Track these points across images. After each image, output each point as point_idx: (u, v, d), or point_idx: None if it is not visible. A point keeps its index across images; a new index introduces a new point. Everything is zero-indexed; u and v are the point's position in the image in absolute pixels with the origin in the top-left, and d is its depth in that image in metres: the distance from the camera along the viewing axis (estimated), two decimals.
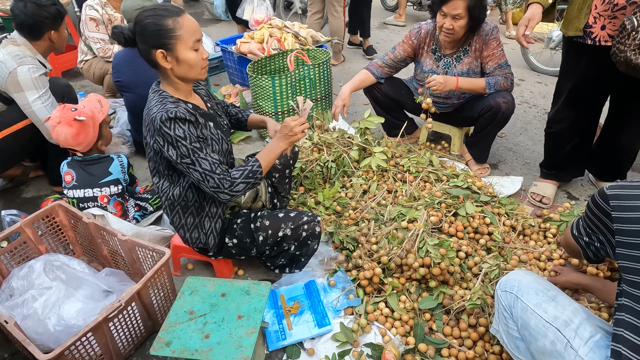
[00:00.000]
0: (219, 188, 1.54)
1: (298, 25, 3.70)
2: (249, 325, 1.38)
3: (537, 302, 1.23)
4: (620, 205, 1.09)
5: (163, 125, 1.46)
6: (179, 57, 1.50)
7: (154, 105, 1.52)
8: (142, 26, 1.48)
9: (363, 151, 2.57)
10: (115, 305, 1.46)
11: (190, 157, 1.50)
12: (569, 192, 2.56)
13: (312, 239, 1.78)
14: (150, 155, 1.63)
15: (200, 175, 1.52)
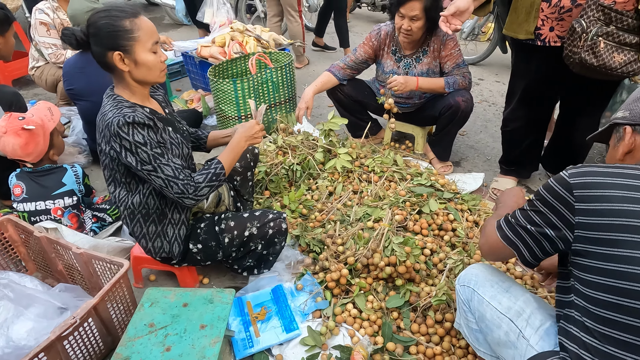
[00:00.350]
0: (183, 193, 1.50)
1: (260, 28, 3.67)
2: (212, 334, 1.34)
3: (492, 294, 1.24)
4: (587, 195, 0.99)
5: (120, 130, 1.40)
6: (137, 59, 1.45)
7: (108, 110, 1.46)
8: (96, 27, 1.42)
9: (328, 153, 2.56)
10: (70, 322, 1.38)
11: (151, 164, 1.45)
12: (527, 187, 2.64)
13: (279, 236, 1.76)
14: (106, 163, 1.56)
15: (163, 181, 1.48)
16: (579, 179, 1.01)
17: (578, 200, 1.00)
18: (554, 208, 1.04)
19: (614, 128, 1.18)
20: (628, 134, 1.11)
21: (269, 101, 2.99)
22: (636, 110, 1.11)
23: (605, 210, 0.96)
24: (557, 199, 1.04)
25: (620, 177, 0.98)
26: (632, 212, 0.94)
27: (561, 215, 1.03)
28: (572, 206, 1.00)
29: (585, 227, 0.98)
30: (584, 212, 0.99)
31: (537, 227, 1.08)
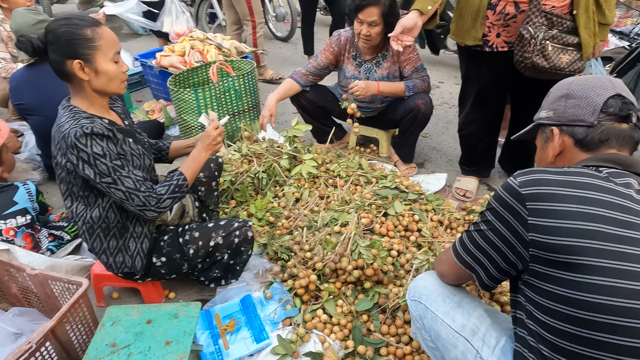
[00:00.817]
0: (145, 206, 1.47)
1: (221, 36, 3.63)
2: (178, 350, 1.30)
3: (445, 310, 1.18)
4: (540, 208, 0.90)
5: (78, 142, 1.36)
6: (98, 68, 1.42)
7: (65, 121, 1.41)
8: (56, 35, 1.38)
9: (293, 159, 2.56)
10: (24, 347, 1.31)
11: (111, 176, 1.41)
12: (488, 185, 2.72)
13: (245, 245, 1.75)
14: (62, 176, 1.50)
15: (123, 194, 1.44)
16: (531, 189, 0.93)
17: (531, 214, 0.91)
18: (506, 221, 0.96)
19: (539, 128, 1.15)
20: (556, 135, 1.08)
21: (232, 109, 2.96)
22: (560, 110, 1.09)
23: (561, 229, 0.87)
24: (508, 211, 0.96)
25: (574, 188, 0.90)
26: (590, 231, 0.86)
27: (513, 230, 0.95)
28: (524, 220, 0.92)
29: (541, 247, 0.90)
30: (538, 228, 0.90)
31: (490, 244, 1.01)
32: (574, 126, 1.05)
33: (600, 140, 1.02)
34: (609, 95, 1.03)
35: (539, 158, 1.18)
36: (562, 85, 1.11)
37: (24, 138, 2.92)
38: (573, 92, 1.07)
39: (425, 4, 2.02)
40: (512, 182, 0.98)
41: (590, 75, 1.10)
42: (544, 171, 0.96)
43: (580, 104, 1.05)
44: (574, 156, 1.07)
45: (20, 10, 2.42)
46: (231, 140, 2.96)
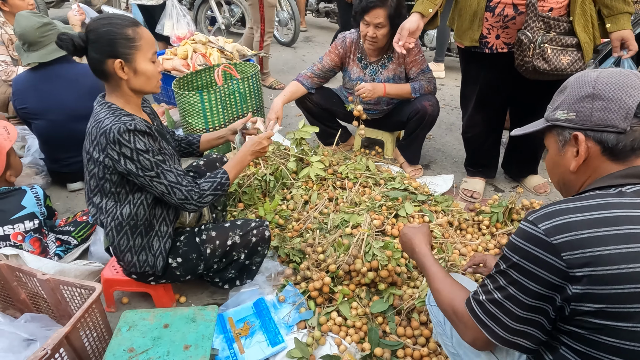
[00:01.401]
0: (187, 199, 1.52)
1: (223, 40, 3.63)
2: (198, 354, 1.28)
3: None
4: (581, 258, 0.79)
5: (121, 137, 1.38)
6: (138, 68, 1.45)
7: (105, 117, 1.43)
8: (97, 34, 1.40)
9: (300, 162, 2.55)
10: (40, 354, 1.28)
11: (154, 170, 1.45)
12: (495, 185, 2.73)
13: (262, 244, 1.75)
14: (94, 172, 1.49)
15: (165, 187, 1.48)
16: (563, 238, 0.81)
17: (571, 265, 0.80)
18: (539, 277, 0.84)
19: (553, 129, 1.02)
20: (582, 142, 0.94)
21: (236, 112, 2.95)
22: (585, 113, 0.94)
23: (610, 277, 0.78)
24: (540, 265, 0.84)
25: (612, 225, 0.81)
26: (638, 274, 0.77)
27: (552, 285, 0.84)
28: (564, 273, 0.81)
29: (588, 299, 0.80)
30: (583, 280, 0.79)
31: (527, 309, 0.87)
32: (603, 132, 0.92)
33: (632, 149, 0.91)
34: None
35: (553, 162, 1.04)
36: (585, 81, 0.96)
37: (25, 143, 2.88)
38: (600, 92, 0.92)
39: (427, 7, 2.04)
40: (532, 229, 0.85)
41: (616, 70, 0.96)
42: (566, 210, 0.84)
43: (610, 106, 0.91)
44: (600, 165, 0.94)
45: (24, 13, 2.39)
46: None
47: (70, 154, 2.53)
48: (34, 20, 2.33)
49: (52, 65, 2.39)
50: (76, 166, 2.57)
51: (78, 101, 2.43)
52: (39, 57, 2.35)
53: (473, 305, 0.96)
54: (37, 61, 2.35)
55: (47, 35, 2.33)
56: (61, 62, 2.42)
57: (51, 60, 2.36)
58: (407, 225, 1.44)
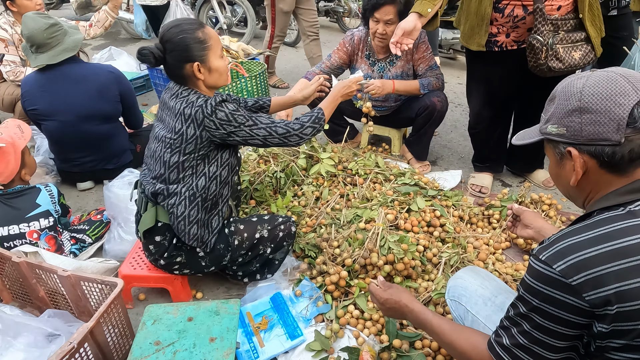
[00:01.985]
0: (288, 132, 1.65)
1: (228, 39, 3.64)
2: (224, 346, 1.30)
3: (486, 314, 1.13)
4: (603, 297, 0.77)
5: (217, 107, 1.53)
6: (211, 66, 1.58)
7: (197, 98, 1.55)
8: (173, 43, 1.51)
9: (310, 159, 2.57)
10: (67, 348, 1.30)
11: (251, 119, 1.59)
12: (502, 180, 2.76)
13: (288, 239, 1.80)
14: (179, 149, 1.57)
15: (265, 129, 1.61)
16: (582, 278, 0.78)
17: (594, 305, 0.78)
18: (561, 319, 0.82)
19: (549, 142, 0.98)
20: (576, 158, 0.90)
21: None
22: (574, 127, 0.89)
23: (632, 312, 0.76)
24: (560, 307, 0.81)
25: (630, 256, 0.78)
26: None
27: (576, 325, 0.82)
28: (588, 312, 0.79)
29: (613, 335, 0.79)
30: (607, 318, 0.78)
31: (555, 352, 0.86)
32: (596, 145, 0.87)
33: (630, 159, 0.86)
34: (633, 104, 0.84)
35: (555, 175, 1.01)
36: (571, 92, 0.90)
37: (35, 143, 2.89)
38: (587, 105, 0.87)
39: (425, 7, 2.03)
40: (547, 270, 0.82)
41: (603, 76, 0.89)
42: (579, 245, 0.81)
43: (600, 119, 0.85)
44: (600, 178, 0.91)
45: (30, 14, 2.39)
46: None
47: (80, 153, 2.54)
48: (41, 22, 2.33)
49: (60, 65, 2.40)
50: (86, 166, 2.58)
51: (87, 101, 2.44)
52: (48, 58, 2.35)
53: (498, 350, 0.93)
54: (46, 63, 2.35)
55: (54, 36, 2.33)
56: (69, 63, 2.43)
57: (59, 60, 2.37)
58: (376, 290, 1.31)
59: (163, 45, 1.52)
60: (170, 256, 1.67)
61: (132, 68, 4.10)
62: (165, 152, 1.60)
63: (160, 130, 1.64)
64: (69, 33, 2.45)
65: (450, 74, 4.60)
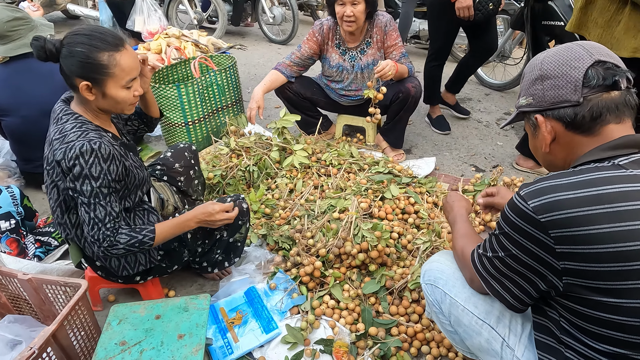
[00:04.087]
0: (98, 241, 1.37)
1: (197, 33, 3.56)
2: (193, 343, 1.26)
3: (466, 296, 1.12)
4: (568, 235, 0.81)
5: (81, 156, 1.30)
6: (107, 92, 1.37)
7: (71, 131, 1.34)
8: (70, 51, 1.31)
9: (283, 151, 2.53)
10: (27, 354, 1.24)
11: (88, 198, 1.34)
12: (476, 166, 2.77)
13: (242, 217, 1.68)
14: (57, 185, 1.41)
15: (88, 219, 1.36)
16: (551, 216, 0.82)
17: (558, 242, 0.82)
18: (529, 250, 0.88)
19: (525, 115, 1.04)
20: (542, 123, 0.97)
21: (215, 105, 2.90)
22: (538, 94, 0.97)
23: (596, 255, 0.79)
24: (530, 240, 0.87)
25: (601, 203, 0.80)
26: (631, 252, 0.77)
27: (541, 260, 0.87)
28: (552, 249, 0.83)
29: (576, 275, 0.82)
30: (570, 256, 0.82)
31: (516, 273, 0.93)
32: (558, 108, 0.94)
33: (592, 118, 0.90)
34: (587, 66, 0.90)
35: (533, 147, 1.07)
36: (534, 65, 1.00)
37: None
38: (547, 72, 0.95)
39: None
40: (523, 205, 0.87)
41: (562, 47, 0.96)
42: (558, 186, 0.84)
43: (558, 83, 0.93)
44: (571, 141, 0.95)
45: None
46: (217, 135, 2.90)
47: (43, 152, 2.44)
48: (5, 14, 2.23)
49: (24, 59, 2.30)
50: None
51: (52, 96, 2.31)
52: (4, 51, 2.25)
53: (474, 256, 1.06)
54: (1, 55, 2.25)
55: (16, 29, 2.24)
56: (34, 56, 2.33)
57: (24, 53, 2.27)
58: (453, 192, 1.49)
59: (61, 45, 1.32)
60: (132, 275, 1.59)
61: None
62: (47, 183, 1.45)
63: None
64: (37, 29, 2.35)
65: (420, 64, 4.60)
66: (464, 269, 1.15)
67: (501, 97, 3.87)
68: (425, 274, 1.25)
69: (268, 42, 5.61)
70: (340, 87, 2.75)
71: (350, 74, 2.67)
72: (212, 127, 2.91)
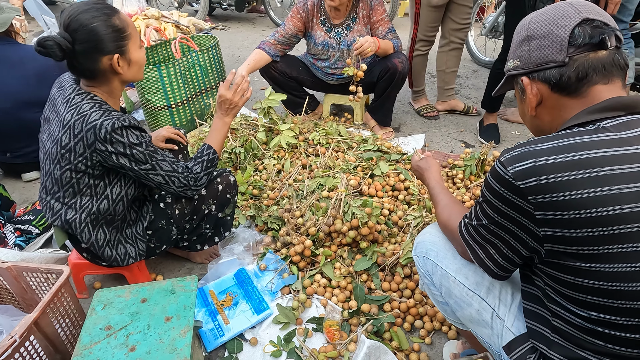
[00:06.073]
0: (185, 186, 1.46)
1: (177, 13, 3.46)
2: (181, 325, 1.22)
3: (456, 267, 1.11)
4: (547, 202, 0.79)
5: (114, 133, 1.29)
6: (132, 58, 1.36)
7: (91, 111, 1.30)
8: (87, 32, 1.25)
9: (270, 132, 2.48)
10: (7, 342, 1.19)
11: (149, 162, 1.37)
12: (465, 142, 2.75)
13: (230, 190, 1.66)
14: (70, 167, 1.34)
15: (162, 178, 1.41)
16: (530, 182, 0.80)
17: (538, 208, 0.80)
18: (510, 217, 0.87)
19: (513, 80, 1.02)
20: (527, 85, 0.94)
21: (198, 87, 2.82)
22: (525, 56, 0.94)
23: (577, 220, 0.77)
24: (510, 207, 0.85)
25: (581, 169, 0.78)
26: (612, 217, 0.75)
27: (522, 226, 0.86)
28: (532, 215, 0.82)
29: (557, 241, 0.81)
30: (549, 222, 0.80)
31: (498, 238, 0.93)
32: (544, 69, 0.91)
33: (578, 79, 0.87)
34: (574, 24, 0.87)
35: (521, 111, 1.04)
36: (521, 26, 0.97)
37: None
38: (533, 32, 0.92)
39: None
40: (502, 171, 0.84)
41: (550, 5, 0.94)
42: (538, 151, 0.81)
43: (544, 43, 0.90)
44: (557, 103, 0.92)
45: None
46: (201, 118, 2.83)
47: (21, 143, 2.36)
48: None
49: None
50: (30, 156, 2.40)
51: (25, 87, 2.25)
52: None
53: (461, 226, 1.05)
54: None
55: None
56: (1, 44, 2.23)
57: None
58: (413, 158, 1.46)
59: (71, 34, 1.25)
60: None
61: None
62: (54, 167, 1.37)
63: (47, 138, 1.40)
64: (2, 10, 2.25)
65: None
66: (453, 240, 1.14)
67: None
68: (417, 246, 1.24)
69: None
70: (326, 65, 2.69)
71: (337, 51, 2.61)
72: (196, 109, 2.83)
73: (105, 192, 1.42)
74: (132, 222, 1.57)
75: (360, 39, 2.27)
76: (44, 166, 1.42)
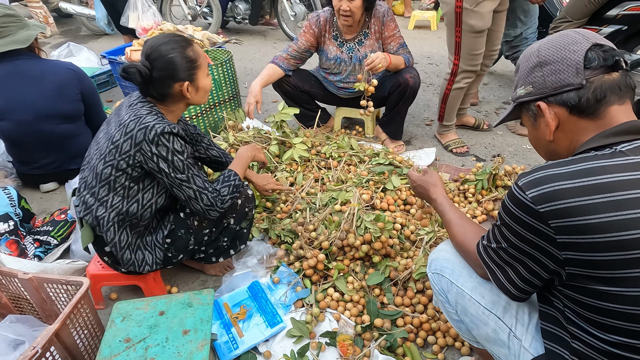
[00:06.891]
0: (212, 206, 1.52)
1: (192, 28, 3.52)
2: (198, 338, 1.25)
3: (472, 286, 1.11)
4: (568, 226, 0.80)
5: (162, 136, 1.40)
6: (199, 85, 1.51)
7: (147, 114, 1.44)
8: (164, 62, 1.42)
9: (282, 145, 2.51)
10: (30, 353, 1.22)
11: (185, 173, 1.46)
12: (476, 156, 2.76)
13: (248, 204, 1.73)
14: (112, 163, 1.44)
15: (194, 192, 1.48)
16: (550, 207, 0.81)
17: (558, 232, 0.81)
18: (530, 241, 0.88)
19: (522, 107, 1.02)
20: (545, 110, 0.95)
21: (212, 100, 2.87)
22: (538, 82, 0.95)
23: (596, 244, 0.78)
24: (530, 231, 0.86)
25: (601, 192, 0.79)
26: (633, 241, 0.76)
27: (543, 250, 0.86)
28: (552, 239, 0.83)
29: (578, 264, 0.82)
30: (571, 246, 0.81)
31: (519, 263, 0.93)
32: (562, 93, 0.92)
33: (597, 100, 0.89)
34: (586, 49, 0.90)
35: (534, 138, 1.04)
36: (529, 54, 0.99)
37: None
38: (545, 58, 0.94)
39: None
40: (521, 196, 0.85)
41: (555, 34, 0.96)
42: (557, 176, 0.82)
43: (559, 68, 0.92)
44: (575, 126, 0.93)
45: None
46: (215, 131, 2.88)
47: (40, 154, 2.41)
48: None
49: (15, 61, 2.27)
50: (48, 167, 2.45)
51: (45, 100, 2.31)
52: None
53: (480, 247, 1.06)
54: None
55: (7, 26, 2.20)
56: (24, 58, 2.30)
57: (15, 55, 2.23)
58: (412, 174, 1.45)
59: (151, 63, 1.42)
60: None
61: (93, 63, 3.94)
62: (99, 162, 1.47)
63: (102, 135, 1.53)
64: (28, 27, 2.32)
65: (421, 54, 4.59)
66: (470, 261, 1.14)
67: (499, 86, 3.85)
68: (432, 263, 1.25)
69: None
70: (338, 79, 2.73)
71: (348, 65, 2.65)
72: (210, 122, 2.88)
73: (137, 196, 1.50)
74: (153, 229, 1.62)
75: (372, 55, 2.31)
76: (91, 160, 1.52)
